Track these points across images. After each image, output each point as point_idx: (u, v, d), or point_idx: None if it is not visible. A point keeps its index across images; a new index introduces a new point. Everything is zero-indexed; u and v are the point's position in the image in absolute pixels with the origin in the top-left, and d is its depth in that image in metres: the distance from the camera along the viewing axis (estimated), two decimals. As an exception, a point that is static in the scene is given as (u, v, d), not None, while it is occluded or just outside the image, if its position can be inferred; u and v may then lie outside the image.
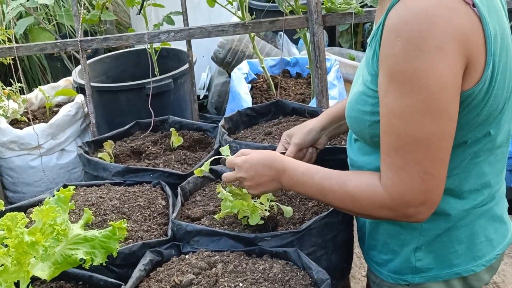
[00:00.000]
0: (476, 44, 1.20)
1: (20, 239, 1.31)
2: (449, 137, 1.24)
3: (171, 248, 1.62)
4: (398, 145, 1.25)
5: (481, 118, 1.28)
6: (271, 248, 1.53)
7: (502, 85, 1.28)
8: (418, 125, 1.22)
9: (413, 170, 1.24)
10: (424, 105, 1.20)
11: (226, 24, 2.70)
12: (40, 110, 3.44)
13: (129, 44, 2.80)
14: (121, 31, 5.25)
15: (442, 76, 1.18)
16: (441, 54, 1.17)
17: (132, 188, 1.97)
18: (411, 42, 1.18)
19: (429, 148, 1.23)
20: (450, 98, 1.20)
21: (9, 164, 3.07)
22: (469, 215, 1.42)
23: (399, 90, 1.22)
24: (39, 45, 2.78)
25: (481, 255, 1.46)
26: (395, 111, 1.24)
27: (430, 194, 1.27)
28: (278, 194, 1.79)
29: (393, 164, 1.27)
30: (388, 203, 1.30)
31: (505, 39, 1.28)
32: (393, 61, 1.21)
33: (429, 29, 1.16)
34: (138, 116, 2.60)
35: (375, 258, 1.58)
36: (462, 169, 1.37)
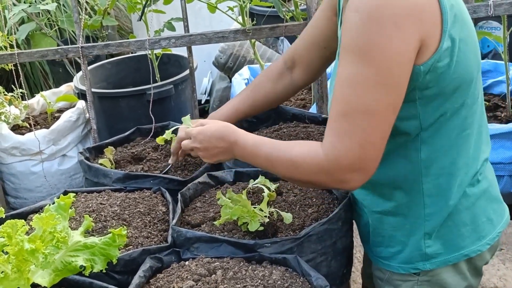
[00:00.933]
0: (432, 16, 1.27)
1: (20, 246, 1.31)
2: (394, 110, 1.31)
3: (171, 254, 1.62)
4: (346, 112, 1.30)
5: (452, 86, 1.36)
6: (270, 254, 1.53)
7: (468, 54, 1.36)
8: (368, 94, 1.28)
9: (355, 136, 1.30)
10: (376, 77, 1.27)
11: (226, 31, 2.71)
12: (42, 115, 3.45)
13: (130, 50, 2.81)
14: (122, 36, 5.26)
15: (396, 50, 1.25)
16: (397, 29, 1.24)
17: (133, 194, 1.98)
18: (369, 16, 1.25)
19: (375, 118, 1.29)
20: (402, 72, 1.28)
21: (11, 169, 3.08)
22: (468, 197, 1.49)
23: (354, 61, 1.28)
24: (40, 51, 2.79)
25: (484, 235, 1.53)
26: (349, 80, 1.30)
27: (366, 162, 1.32)
28: (278, 201, 1.79)
29: (338, 128, 1.32)
30: (325, 167, 1.34)
31: (465, 13, 1.38)
32: (351, 34, 1.28)
33: (386, 5, 1.24)
34: (139, 122, 2.61)
35: (383, 253, 1.62)
36: (453, 145, 1.44)
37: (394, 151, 1.45)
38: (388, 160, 1.46)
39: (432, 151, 1.44)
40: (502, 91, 3.20)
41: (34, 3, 4.25)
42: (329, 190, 1.83)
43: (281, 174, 1.50)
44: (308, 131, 2.22)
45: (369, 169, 1.33)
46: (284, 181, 1.91)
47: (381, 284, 1.66)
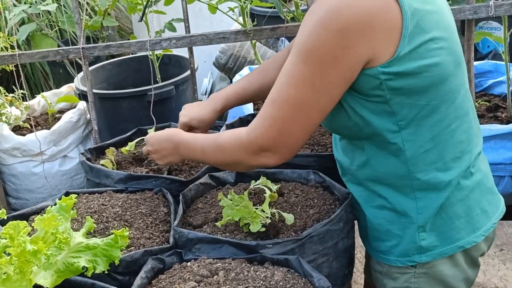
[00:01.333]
0: (388, 22, 1.34)
1: (23, 248, 1.31)
2: (321, 111, 1.42)
3: (173, 255, 1.62)
4: (275, 99, 1.43)
5: (423, 84, 1.41)
6: (272, 255, 1.54)
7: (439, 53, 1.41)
8: (299, 90, 1.39)
9: (276, 122, 1.43)
10: (311, 77, 1.37)
11: (227, 32, 2.71)
12: (43, 116, 3.45)
13: (131, 51, 2.82)
14: (123, 37, 5.26)
15: (336, 56, 1.34)
16: (341, 36, 1.32)
17: (134, 195, 1.98)
18: (319, 22, 1.34)
19: (299, 112, 1.41)
20: (337, 77, 1.37)
21: (12, 170, 3.09)
22: (462, 190, 1.53)
23: (297, 57, 1.38)
24: (41, 52, 2.79)
25: (479, 226, 1.57)
26: (287, 73, 1.41)
27: (280, 147, 1.46)
28: (280, 202, 1.80)
29: (264, 112, 1.45)
30: (244, 143, 1.49)
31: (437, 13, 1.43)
32: (302, 33, 1.38)
33: (336, 13, 1.32)
34: (140, 123, 2.61)
35: (380, 247, 1.66)
36: (438, 141, 1.48)
37: (380, 150, 1.53)
38: (377, 159, 1.54)
39: (416, 148, 1.49)
40: (503, 92, 3.20)
41: (34, 3, 4.25)
42: (330, 191, 1.83)
43: (212, 161, 1.63)
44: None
45: (282, 154, 1.47)
46: (285, 181, 1.91)
47: (380, 277, 1.70)
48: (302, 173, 1.91)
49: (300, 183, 1.90)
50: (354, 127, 1.51)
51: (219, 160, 1.59)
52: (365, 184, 1.63)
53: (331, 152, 2.07)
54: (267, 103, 1.45)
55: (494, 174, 2.47)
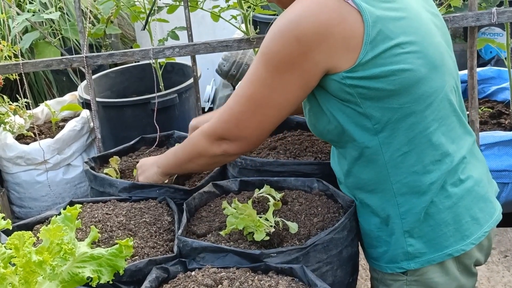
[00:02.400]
0: (346, 31, 1.41)
1: (28, 258, 1.32)
2: (276, 110, 1.54)
3: (177, 264, 1.62)
4: (237, 93, 1.57)
5: (392, 87, 1.45)
6: (276, 264, 1.54)
7: (408, 57, 1.44)
8: (257, 89, 1.52)
9: (234, 114, 1.57)
10: (268, 78, 1.49)
11: (230, 40, 2.72)
12: (46, 125, 3.47)
13: (134, 59, 2.82)
14: (125, 44, 5.28)
15: (292, 61, 1.44)
16: (298, 43, 1.42)
17: (138, 204, 1.98)
18: (278, 30, 1.45)
19: (255, 108, 1.53)
20: (292, 79, 1.47)
21: (16, 179, 3.09)
22: (450, 197, 1.55)
23: (259, 59, 1.50)
24: (45, 61, 2.80)
25: (469, 234, 1.57)
26: (250, 72, 1.53)
27: (237, 138, 1.60)
28: (283, 210, 1.80)
29: (226, 104, 1.60)
30: (206, 131, 1.65)
31: (407, 19, 1.47)
32: (264, 42, 1.49)
33: (295, 23, 1.42)
34: (143, 131, 2.61)
35: (373, 254, 1.69)
36: (415, 144, 1.51)
37: (360, 157, 1.57)
38: (358, 166, 1.60)
39: (393, 151, 1.52)
40: (506, 98, 3.21)
41: (37, 12, 4.26)
42: (334, 199, 1.83)
43: (181, 159, 1.80)
44: (312, 139, 2.23)
45: (240, 145, 1.61)
46: (289, 189, 1.91)
47: (376, 284, 1.73)
48: (305, 181, 1.91)
49: (304, 191, 1.90)
50: (334, 130, 1.58)
51: (186, 155, 1.76)
52: (353, 193, 1.69)
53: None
54: (230, 98, 1.59)
55: (498, 181, 2.47)
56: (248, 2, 2.63)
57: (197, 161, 1.75)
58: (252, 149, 1.71)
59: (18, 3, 4.53)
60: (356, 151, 1.57)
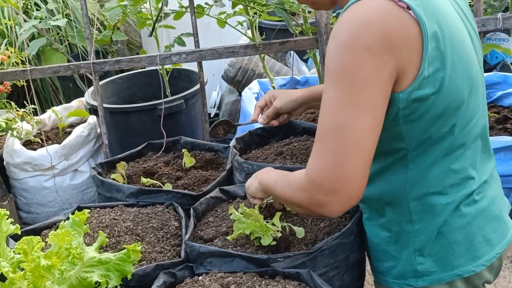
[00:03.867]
0: (409, 44, 1.29)
1: (37, 263, 1.33)
2: (370, 132, 1.30)
3: (185, 269, 1.63)
4: (322, 132, 1.33)
5: (437, 111, 1.36)
6: (283, 269, 1.54)
7: (455, 78, 1.36)
8: (339, 115, 1.29)
9: (329, 157, 1.30)
10: (346, 97, 1.29)
11: (236, 46, 2.73)
12: (53, 131, 3.48)
13: (141, 66, 2.84)
14: (131, 50, 5.30)
15: (367, 71, 1.28)
16: (369, 53, 1.27)
17: (145, 209, 1.99)
18: (343, 42, 1.29)
19: (347, 139, 1.29)
20: (375, 94, 1.29)
21: (23, 185, 3.11)
22: (463, 216, 1.49)
23: (329, 82, 1.32)
24: (52, 67, 2.82)
25: (480, 255, 1.51)
26: (326, 103, 1.33)
27: (341, 184, 1.29)
28: (290, 215, 1.80)
29: (315, 149, 1.34)
30: (306, 186, 1.35)
31: (454, 37, 1.37)
32: (328, 58, 1.33)
33: (360, 33, 1.28)
34: (150, 137, 2.62)
35: (379, 267, 1.63)
36: (439, 166, 1.44)
37: (384, 168, 1.50)
38: (379, 177, 1.52)
39: (419, 170, 1.46)
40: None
41: (44, 19, 4.29)
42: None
43: (281, 196, 1.51)
44: (318, 145, 2.23)
45: (345, 190, 1.30)
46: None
47: None
48: (312, 187, 1.91)
49: (310, 197, 1.90)
50: None
51: (285, 195, 1.48)
52: (367, 202, 1.61)
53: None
54: (316, 139, 1.35)
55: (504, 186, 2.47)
56: (254, 8, 2.64)
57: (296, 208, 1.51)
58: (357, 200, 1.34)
59: (25, 10, 4.55)
60: (382, 163, 1.49)
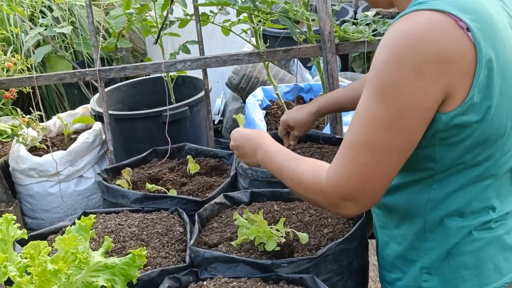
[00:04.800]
0: (462, 67, 1.24)
1: (44, 267, 1.34)
2: (401, 153, 1.31)
3: (189, 274, 1.64)
4: (353, 143, 1.33)
5: (477, 140, 1.33)
6: (287, 274, 1.55)
7: (501, 110, 1.31)
8: (376, 133, 1.29)
9: (356, 169, 1.32)
10: (387, 117, 1.27)
11: (241, 53, 2.75)
12: (58, 137, 3.50)
13: (146, 73, 2.86)
14: (136, 58, 5.32)
15: (413, 95, 1.24)
16: (417, 74, 1.23)
17: (150, 215, 2.01)
18: (392, 57, 1.25)
19: (378, 156, 1.30)
20: (415, 118, 1.27)
21: (28, 191, 3.12)
22: (475, 241, 1.45)
23: (371, 96, 1.29)
24: (58, 74, 2.84)
25: (488, 282, 1.47)
26: (362, 114, 1.32)
27: (361, 195, 1.34)
28: (294, 221, 1.82)
29: (343, 157, 1.35)
30: (324, 189, 1.37)
31: (507, 66, 1.31)
32: (374, 71, 1.29)
33: (412, 49, 1.23)
34: (154, 143, 2.64)
35: (386, 276, 1.63)
36: (465, 192, 1.41)
37: (410, 183, 1.47)
38: (402, 190, 1.49)
39: (443, 192, 1.43)
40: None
41: (50, 26, 4.31)
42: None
43: (287, 185, 1.54)
44: (322, 152, 2.25)
45: (363, 202, 1.35)
46: (300, 201, 1.93)
47: None
48: (316, 193, 1.93)
49: (314, 203, 1.91)
50: None
51: (294, 189, 1.50)
52: (385, 210, 1.59)
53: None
54: (344, 147, 1.35)
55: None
56: (259, 16, 2.66)
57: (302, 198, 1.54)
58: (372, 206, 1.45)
59: (31, 18, 4.58)
60: (408, 178, 1.46)
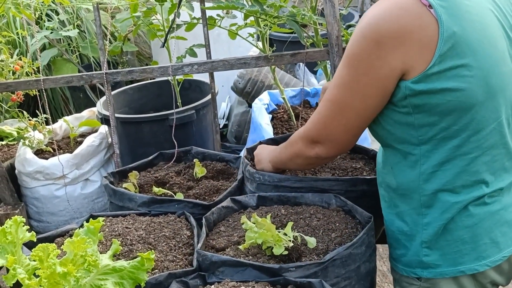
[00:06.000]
0: (421, 41, 1.42)
1: (53, 270, 1.34)
2: (358, 113, 1.58)
3: (197, 278, 1.64)
4: (326, 98, 1.63)
5: (447, 106, 1.46)
6: (295, 279, 1.55)
7: (469, 80, 1.44)
8: (340, 91, 1.58)
9: (321, 118, 1.66)
10: (348, 79, 1.55)
11: (248, 57, 2.75)
12: (64, 140, 3.50)
13: (153, 76, 2.86)
14: (141, 62, 5.33)
15: (371, 63, 1.47)
16: (376, 46, 1.45)
17: (157, 218, 2.01)
18: (360, 31, 1.49)
19: (338, 111, 1.60)
20: (371, 82, 1.50)
21: (34, 194, 3.12)
22: (471, 216, 1.56)
23: (343, 61, 1.56)
24: (65, 77, 2.84)
25: (485, 256, 1.58)
26: (336, 74, 1.60)
27: (326, 140, 1.68)
28: (301, 225, 1.81)
29: (317, 108, 1.68)
30: (301, 135, 1.77)
31: (473, 40, 1.44)
32: (349, 41, 1.54)
33: (375, 24, 1.45)
34: (161, 147, 2.64)
35: (393, 254, 1.75)
36: (452, 165, 1.54)
37: (401, 160, 1.61)
38: (397, 168, 1.64)
39: (430, 165, 1.56)
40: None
41: (56, 29, 4.33)
42: (352, 215, 1.84)
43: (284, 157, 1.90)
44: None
45: (329, 147, 1.69)
46: (307, 205, 1.93)
47: (395, 284, 1.79)
48: (323, 197, 1.93)
49: (322, 207, 1.91)
50: (381, 132, 1.64)
51: (287, 154, 1.86)
52: (387, 190, 1.72)
53: (352, 176, 2.09)
54: (321, 100, 1.67)
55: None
56: (266, 20, 2.66)
57: (296, 160, 1.85)
58: (342, 152, 1.86)
59: (37, 21, 4.59)
60: (400, 154, 1.62)
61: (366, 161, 2.25)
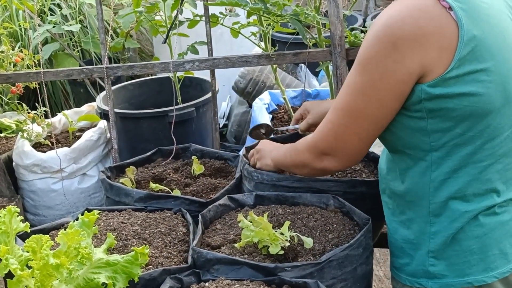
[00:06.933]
0: (441, 43, 1.37)
1: (45, 261, 1.33)
2: (373, 120, 1.50)
3: (191, 275, 1.62)
4: (334, 106, 1.56)
5: (463, 112, 1.42)
6: (291, 279, 1.53)
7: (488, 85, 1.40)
8: (353, 98, 1.49)
9: (332, 128, 1.56)
10: (362, 85, 1.46)
11: (250, 55, 2.74)
12: (63, 134, 3.49)
13: (154, 72, 2.85)
14: (143, 58, 5.32)
15: (387, 67, 1.40)
16: (393, 49, 1.38)
17: (153, 214, 1.99)
18: (375, 34, 1.42)
19: (351, 119, 1.51)
20: (386, 87, 1.43)
21: (31, 187, 3.11)
22: (481, 226, 1.51)
23: (354, 67, 1.48)
24: (65, 70, 2.83)
25: (494, 267, 1.53)
26: (346, 82, 1.52)
27: (337, 152, 1.59)
28: (298, 225, 1.80)
29: (326, 117, 1.59)
30: (309, 144, 1.67)
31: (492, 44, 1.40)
32: (361, 48, 1.47)
33: (392, 26, 1.39)
34: (159, 143, 2.63)
35: (395, 263, 1.70)
36: (464, 172, 1.49)
37: (410, 166, 1.56)
38: (406, 174, 1.58)
39: (441, 172, 1.50)
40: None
41: (58, 24, 4.32)
42: (349, 217, 1.83)
43: (289, 162, 1.82)
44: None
45: (339, 159, 1.60)
46: (304, 205, 1.91)
47: None
48: (321, 198, 1.91)
49: (320, 208, 1.90)
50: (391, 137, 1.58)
51: (292, 161, 1.79)
52: (393, 197, 1.67)
53: (350, 178, 2.08)
54: (331, 108, 1.57)
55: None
56: (269, 19, 2.65)
57: (301, 169, 1.79)
58: (352, 165, 1.75)
59: (40, 15, 4.58)
60: (409, 159, 1.56)
61: (365, 163, 2.23)
